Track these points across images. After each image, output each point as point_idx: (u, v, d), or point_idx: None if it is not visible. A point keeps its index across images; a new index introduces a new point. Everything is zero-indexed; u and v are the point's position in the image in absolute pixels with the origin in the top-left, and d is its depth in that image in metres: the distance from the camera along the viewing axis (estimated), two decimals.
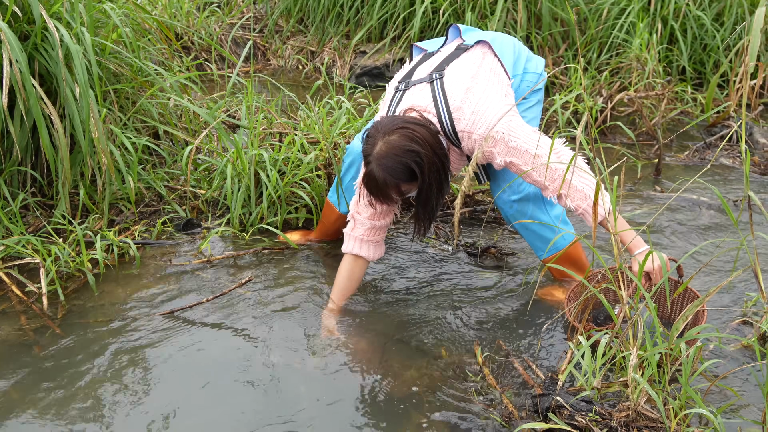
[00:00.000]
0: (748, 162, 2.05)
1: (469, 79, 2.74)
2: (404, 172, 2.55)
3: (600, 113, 4.75)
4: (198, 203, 3.67)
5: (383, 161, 2.54)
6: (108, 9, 3.75)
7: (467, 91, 2.70)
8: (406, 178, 2.57)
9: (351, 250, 2.96)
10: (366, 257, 2.97)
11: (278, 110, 4.34)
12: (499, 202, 3.02)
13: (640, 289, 2.28)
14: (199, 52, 5.92)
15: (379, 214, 2.93)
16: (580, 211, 2.62)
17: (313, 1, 6.17)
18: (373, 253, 2.98)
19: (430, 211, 2.74)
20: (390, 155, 2.53)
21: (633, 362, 2.17)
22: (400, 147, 2.53)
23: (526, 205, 2.98)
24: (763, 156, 4.51)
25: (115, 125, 3.68)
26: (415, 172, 2.55)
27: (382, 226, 2.97)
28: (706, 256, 3.35)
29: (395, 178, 2.55)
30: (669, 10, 5.26)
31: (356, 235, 2.95)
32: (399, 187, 2.60)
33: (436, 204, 2.71)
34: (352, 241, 2.96)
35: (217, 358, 2.69)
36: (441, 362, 2.67)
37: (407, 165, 2.53)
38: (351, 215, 2.98)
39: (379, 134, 2.57)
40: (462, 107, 2.68)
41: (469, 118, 2.67)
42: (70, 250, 3.19)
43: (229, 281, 3.16)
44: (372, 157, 2.56)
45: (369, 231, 2.95)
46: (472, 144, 2.70)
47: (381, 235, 3.00)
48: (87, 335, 2.80)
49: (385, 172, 2.54)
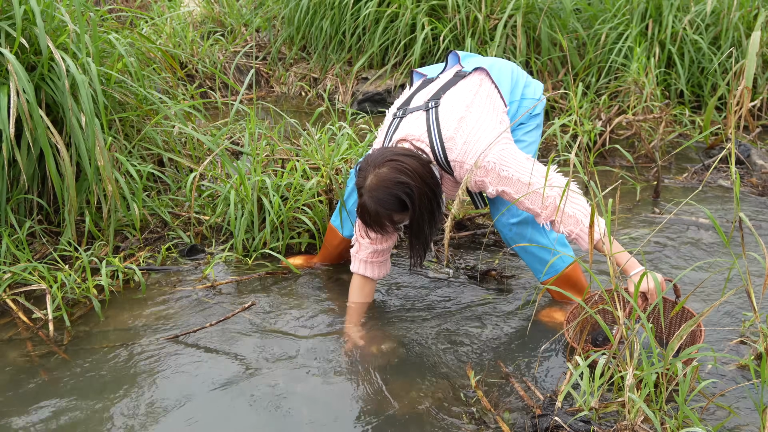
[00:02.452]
0: (738, 184, 2.09)
1: (463, 108, 2.80)
2: (395, 204, 2.63)
3: (599, 136, 4.80)
4: (202, 229, 3.72)
5: (374, 193, 2.62)
6: (113, 39, 3.83)
7: (460, 120, 2.76)
8: (397, 208, 2.64)
9: (357, 271, 3.10)
10: (371, 277, 3.10)
11: (281, 137, 4.40)
12: (499, 224, 3.06)
13: (636, 310, 2.31)
14: (203, 80, 6.01)
15: (380, 239, 3.01)
16: (573, 236, 2.66)
17: (315, 29, 6.25)
18: (377, 273, 3.10)
19: (424, 241, 2.83)
20: (380, 188, 2.61)
21: (630, 382, 2.20)
22: (390, 179, 2.61)
23: (525, 228, 3.02)
24: (761, 177, 4.55)
25: (120, 153, 3.74)
26: (405, 203, 2.63)
27: (384, 249, 3.06)
28: (705, 276, 3.38)
29: (387, 209, 2.63)
30: (666, 34, 5.32)
31: (361, 257, 3.07)
32: (392, 217, 2.67)
33: (429, 233, 2.79)
34: (358, 263, 3.09)
35: (221, 381, 2.72)
36: (441, 384, 2.70)
37: (397, 196, 2.61)
38: (355, 238, 3.09)
39: (369, 167, 2.65)
40: (454, 137, 2.74)
41: (460, 149, 2.73)
42: (76, 276, 3.23)
43: (233, 306, 3.19)
44: (364, 190, 2.64)
45: (372, 254, 3.05)
46: (464, 173, 2.76)
47: (385, 256, 3.10)
48: (93, 361, 2.84)
49: (377, 204, 2.62)
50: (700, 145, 5.05)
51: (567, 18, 5.52)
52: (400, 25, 5.73)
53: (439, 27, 5.61)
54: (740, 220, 2.13)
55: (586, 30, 5.60)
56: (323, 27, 6.12)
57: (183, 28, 6.21)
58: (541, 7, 5.47)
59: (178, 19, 6.41)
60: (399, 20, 5.75)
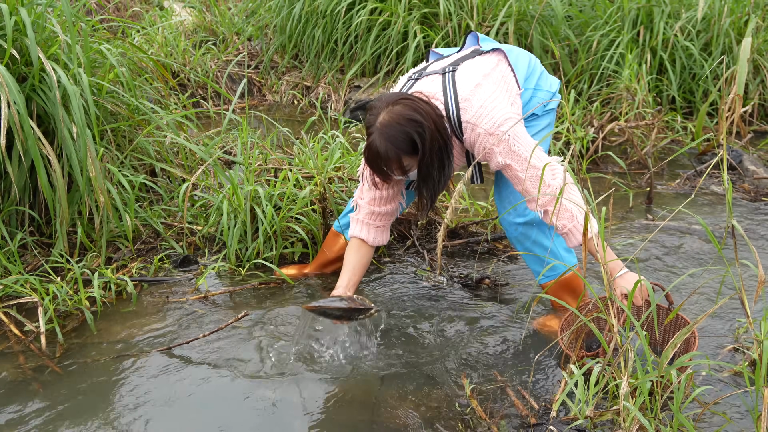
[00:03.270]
0: (730, 192, 2.09)
1: (480, 76, 2.78)
2: (406, 143, 2.57)
3: (592, 143, 4.81)
4: (195, 239, 3.71)
5: (386, 130, 2.55)
6: (104, 50, 3.82)
7: (477, 86, 2.74)
8: (407, 149, 2.58)
9: (353, 233, 3.03)
10: (366, 240, 3.01)
11: (273, 146, 4.40)
12: (504, 223, 3.05)
13: (630, 318, 2.31)
14: (196, 89, 6.00)
15: (379, 200, 2.95)
16: (565, 230, 2.65)
17: (307, 38, 6.25)
18: (373, 237, 3.02)
19: (432, 189, 2.75)
20: (393, 124, 2.55)
21: (624, 390, 2.19)
22: (404, 116, 2.55)
23: (531, 229, 3.00)
24: (753, 183, 4.56)
25: (112, 164, 3.72)
26: (416, 144, 2.57)
27: (383, 212, 2.99)
28: (699, 283, 3.39)
29: (397, 147, 2.57)
30: (658, 41, 5.34)
31: (359, 218, 3.01)
32: (400, 159, 2.60)
33: (438, 181, 2.71)
34: (355, 224, 3.03)
35: (214, 392, 2.71)
36: (435, 393, 2.69)
37: (409, 135, 2.56)
38: (355, 200, 3.04)
39: (382, 105, 2.59)
40: (470, 99, 2.71)
41: (476, 111, 2.70)
42: (68, 288, 3.22)
43: (226, 316, 3.18)
44: (374, 128, 2.57)
45: (371, 215, 2.99)
46: (475, 137, 2.73)
47: (384, 222, 3.02)
48: (86, 373, 2.82)
49: (388, 141, 2.55)
50: (692, 151, 5.06)
51: (559, 25, 5.53)
52: (392, 33, 5.74)
53: (431, 35, 5.62)
54: (733, 228, 2.13)
55: (578, 37, 5.62)
56: (315, 35, 6.12)
57: (175, 38, 6.21)
58: (533, 15, 5.48)
59: (169, 28, 6.41)
60: (391, 28, 5.76)
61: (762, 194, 4.44)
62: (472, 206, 4.00)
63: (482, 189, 4.46)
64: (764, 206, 4.31)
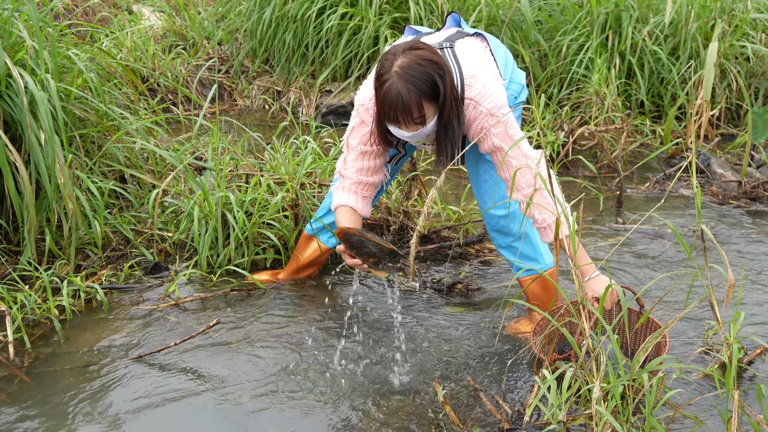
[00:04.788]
0: (699, 196, 2.12)
1: (479, 57, 2.73)
2: (428, 84, 2.47)
3: (562, 147, 4.84)
4: (165, 246, 3.68)
5: (406, 71, 2.45)
6: (72, 55, 3.78)
7: (479, 65, 2.69)
8: (429, 91, 2.49)
9: (340, 202, 2.88)
10: (355, 207, 2.87)
11: (245, 151, 4.38)
12: (486, 216, 3.03)
13: (601, 322, 2.33)
14: (165, 94, 5.95)
15: (366, 170, 2.85)
16: (545, 224, 2.66)
17: (278, 42, 6.23)
18: (361, 206, 2.89)
19: (452, 137, 2.65)
20: (413, 65, 2.45)
21: (596, 395, 2.21)
22: (424, 58, 2.47)
23: (512, 222, 3.00)
24: (720, 186, 4.62)
25: (81, 170, 3.68)
26: (437, 86, 2.49)
27: (370, 182, 2.89)
28: (669, 286, 3.42)
29: (418, 90, 2.46)
30: (626, 45, 5.39)
31: (345, 186, 2.88)
32: (421, 103, 2.49)
33: (458, 129, 2.62)
34: (340, 192, 2.89)
35: (187, 401, 2.68)
36: (408, 399, 2.69)
37: (431, 76, 2.47)
38: (338, 172, 2.91)
39: (398, 51, 2.50)
40: (476, 76, 2.65)
41: (480, 90, 2.64)
42: (36, 296, 3.18)
43: (198, 324, 3.16)
44: (391, 73, 2.47)
45: (358, 184, 2.87)
46: (475, 115, 2.67)
47: (369, 192, 2.91)
48: (55, 383, 2.78)
49: (408, 83, 2.45)
50: (662, 155, 5.12)
51: (529, 30, 5.56)
52: (363, 37, 5.74)
53: None
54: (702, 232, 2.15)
55: (548, 41, 5.65)
56: (286, 40, 6.10)
57: (144, 42, 6.15)
58: (503, 20, 5.50)
59: (139, 32, 6.36)
60: (362, 33, 5.76)
61: (730, 197, 4.49)
62: (444, 211, 4.01)
63: (454, 193, 4.47)
64: (732, 209, 4.36)
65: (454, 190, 4.51)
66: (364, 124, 2.80)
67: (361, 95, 2.82)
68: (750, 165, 4.89)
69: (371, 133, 2.77)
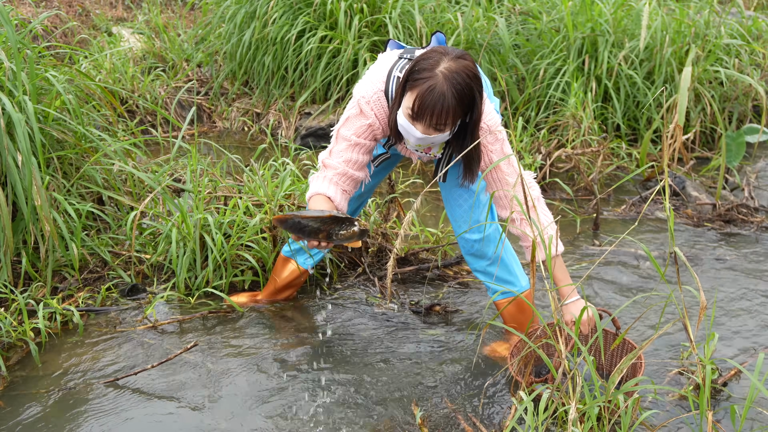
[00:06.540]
0: (671, 219, 2.15)
1: None
2: (468, 97, 2.48)
3: (539, 170, 4.88)
4: (143, 268, 3.67)
5: (455, 77, 2.44)
6: (51, 77, 3.78)
7: None
8: (465, 104, 2.49)
9: (318, 190, 2.72)
10: (333, 198, 2.71)
11: (223, 173, 4.38)
12: (461, 240, 3.05)
13: (577, 344, 2.34)
14: (144, 116, 5.95)
15: (354, 163, 2.76)
16: (530, 242, 2.67)
17: (257, 64, 6.25)
18: (339, 198, 2.73)
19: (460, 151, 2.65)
20: (461, 73, 2.45)
21: (573, 416, 2.22)
22: (471, 71, 2.47)
23: (487, 246, 3.03)
24: (695, 209, 4.67)
25: (58, 192, 3.67)
26: (475, 103, 2.51)
27: (355, 177, 2.78)
28: (644, 308, 3.45)
29: (459, 98, 2.46)
30: (602, 69, 5.46)
31: (327, 176, 2.74)
32: (456, 112, 2.49)
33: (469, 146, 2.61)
34: (320, 181, 2.74)
35: (163, 424, 2.67)
36: (385, 423, 2.69)
37: (473, 91, 2.48)
38: (321, 162, 2.79)
39: (447, 53, 2.49)
40: None
41: (484, 107, 2.64)
42: (12, 319, 3.15)
43: (175, 346, 3.15)
44: (437, 72, 2.45)
45: (342, 176, 2.74)
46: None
47: (350, 187, 2.79)
48: (31, 407, 2.76)
49: (454, 88, 2.44)
50: (637, 177, 5.17)
51: (506, 54, 5.62)
52: (343, 60, 5.77)
53: None
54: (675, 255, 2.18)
55: (525, 65, 5.71)
56: (265, 62, 6.12)
57: (123, 64, 6.15)
58: (481, 44, 5.56)
59: (118, 54, 6.35)
60: (341, 55, 5.79)
61: (704, 219, 4.55)
62: (422, 233, 4.02)
63: (432, 215, 4.49)
64: (707, 231, 4.41)
65: (433, 212, 4.53)
66: (362, 116, 2.74)
67: (363, 88, 2.75)
68: (724, 188, 4.96)
69: (369, 126, 2.73)
